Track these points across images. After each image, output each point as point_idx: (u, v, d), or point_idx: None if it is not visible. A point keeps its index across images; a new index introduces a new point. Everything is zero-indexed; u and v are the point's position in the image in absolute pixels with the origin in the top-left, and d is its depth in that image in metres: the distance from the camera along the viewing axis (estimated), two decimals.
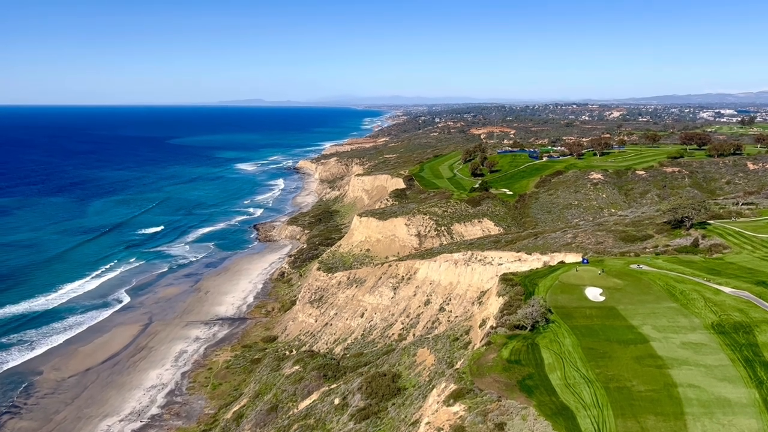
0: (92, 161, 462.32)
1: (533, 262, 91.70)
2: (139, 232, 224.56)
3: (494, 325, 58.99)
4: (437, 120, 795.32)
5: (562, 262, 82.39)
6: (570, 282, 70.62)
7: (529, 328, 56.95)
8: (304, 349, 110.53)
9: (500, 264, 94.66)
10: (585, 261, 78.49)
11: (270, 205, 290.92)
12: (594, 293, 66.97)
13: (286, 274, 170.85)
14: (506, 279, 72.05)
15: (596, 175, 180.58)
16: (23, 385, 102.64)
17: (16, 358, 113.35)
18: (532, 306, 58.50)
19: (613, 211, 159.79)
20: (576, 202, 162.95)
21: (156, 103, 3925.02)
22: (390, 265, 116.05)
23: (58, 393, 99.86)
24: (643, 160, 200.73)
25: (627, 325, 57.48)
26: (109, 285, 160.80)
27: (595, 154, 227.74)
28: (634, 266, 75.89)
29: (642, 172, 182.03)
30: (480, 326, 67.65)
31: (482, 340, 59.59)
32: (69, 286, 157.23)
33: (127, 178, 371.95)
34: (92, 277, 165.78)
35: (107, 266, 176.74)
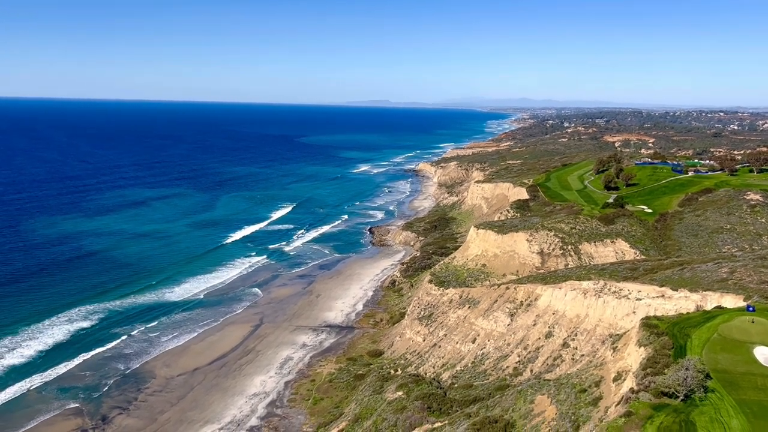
0: (232, 157, 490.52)
1: (680, 300, 77.94)
2: (263, 229, 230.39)
3: (635, 387, 48.21)
4: (566, 125, 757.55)
5: (720, 307, 68.44)
6: (732, 336, 57.43)
7: (681, 397, 45.78)
8: (409, 369, 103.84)
9: (638, 299, 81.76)
10: (751, 308, 64.20)
11: (387, 207, 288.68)
12: (766, 355, 53.75)
13: (397, 283, 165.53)
14: (649, 325, 60.28)
15: (754, 196, 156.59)
16: (135, 380, 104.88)
17: (135, 352, 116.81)
18: (687, 369, 46.91)
19: None
20: (728, 226, 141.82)
21: (288, 102, 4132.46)
22: (507, 288, 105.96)
23: (166, 392, 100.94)
24: None
25: None
26: (231, 282, 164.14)
27: (751, 171, 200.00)
28: None
29: None
30: (614, 380, 56.76)
31: (618, 404, 49.07)
32: (193, 280, 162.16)
33: (253, 173, 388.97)
34: (216, 273, 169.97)
35: (231, 263, 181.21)
